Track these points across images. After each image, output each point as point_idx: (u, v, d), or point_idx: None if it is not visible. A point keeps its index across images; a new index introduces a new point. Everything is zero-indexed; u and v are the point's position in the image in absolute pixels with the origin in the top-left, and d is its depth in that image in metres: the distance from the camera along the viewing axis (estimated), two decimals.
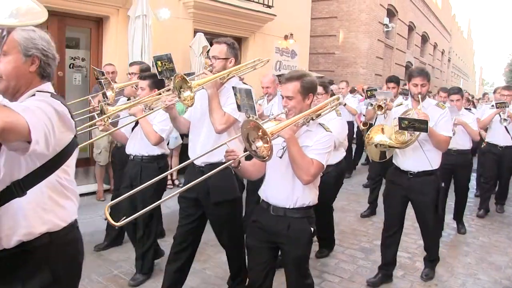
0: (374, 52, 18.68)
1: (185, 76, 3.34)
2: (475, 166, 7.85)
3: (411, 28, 24.48)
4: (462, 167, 6.49)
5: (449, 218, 7.18)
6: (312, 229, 3.18)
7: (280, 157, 3.12)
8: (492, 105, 7.49)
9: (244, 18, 10.78)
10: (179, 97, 3.41)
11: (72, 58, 8.29)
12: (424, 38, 28.21)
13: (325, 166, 3.08)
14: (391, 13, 20.72)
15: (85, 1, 7.72)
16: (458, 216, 6.83)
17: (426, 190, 4.48)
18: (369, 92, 8.78)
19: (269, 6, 11.35)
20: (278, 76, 7.50)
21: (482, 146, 8.00)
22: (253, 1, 11.03)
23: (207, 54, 3.90)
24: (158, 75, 4.16)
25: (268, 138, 2.54)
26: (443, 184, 4.50)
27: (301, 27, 13.28)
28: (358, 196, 8.59)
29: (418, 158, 4.43)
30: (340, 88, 9.98)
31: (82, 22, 8.40)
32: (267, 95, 6.26)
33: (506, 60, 71.52)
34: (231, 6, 10.21)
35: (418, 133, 4.17)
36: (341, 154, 5.10)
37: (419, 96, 4.37)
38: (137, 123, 4.53)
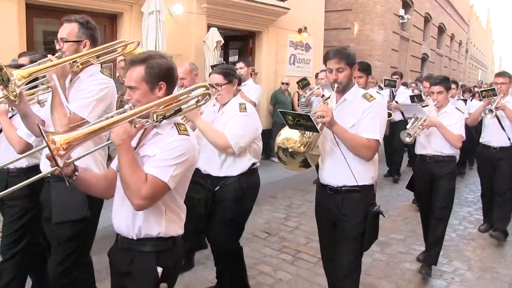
0: (389, 45, 18.48)
1: (2, 66, 2.58)
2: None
3: (427, 19, 24.18)
4: (441, 178, 4.84)
5: (465, 211, 7.14)
6: (160, 269, 2.28)
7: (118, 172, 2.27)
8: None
9: (258, 12, 10.74)
10: (7, 91, 2.67)
11: None
12: (441, 29, 27.85)
13: (171, 185, 2.20)
14: (407, 5, 20.48)
15: None
16: (427, 256, 4.95)
17: (348, 213, 3.25)
18: (300, 83, 8.17)
19: (282, 0, 11.28)
20: (213, 66, 6.31)
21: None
22: None
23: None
24: None
25: (59, 149, 1.94)
26: (378, 207, 3.25)
27: (315, 21, 13.19)
28: None
29: (337, 169, 3.26)
30: (319, 78, 8.41)
31: (96, 19, 8.20)
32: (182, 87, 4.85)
33: None
34: (245, 0, 10.18)
35: (315, 133, 3.14)
36: (246, 163, 3.78)
37: (335, 86, 3.24)
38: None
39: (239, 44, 12.20)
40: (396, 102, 8.64)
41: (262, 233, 5.90)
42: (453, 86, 8.06)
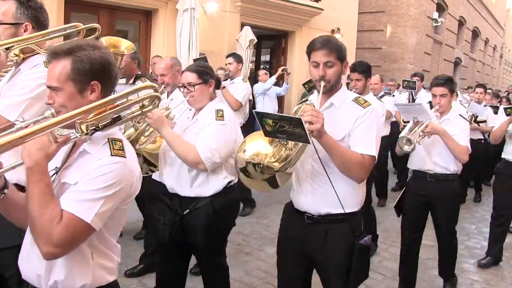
0: (422, 48, 18.25)
1: None
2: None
3: (461, 23, 23.77)
4: (442, 201, 4.06)
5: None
6: None
7: None
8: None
9: (291, 12, 10.74)
10: None
11: None
12: (475, 33, 27.35)
13: (96, 225, 1.64)
14: (441, 8, 20.19)
15: None
16: (444, 271, 4.48)
17: (332, 249, 2.58)
18: (306, 86, 7.41)
19: (316, 0, 11.26)
20: (195, 60, 6.06)
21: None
22: None
23: None
24: None
25: None
26: (367, 239, 2.59)
27: (348, 22, 13.11)
28: None
29: (320, 193, 2.59)
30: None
31: (132, 15, 8.61)
32: (163, 85, 4.35)
33: None
34: (279, 0, 10.19)
35: (300, 144, 2.39)
36: (220, 181, 3.15)
37: (322, 84, 2.49)
38: None
39: (271, 43, 12.21)
40: None
41: None
42: (480, 90, 7.83)
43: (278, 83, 9.62)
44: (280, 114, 2.34)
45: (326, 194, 2.55)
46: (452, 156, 3.93)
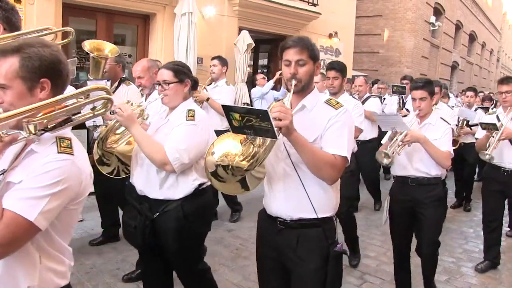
0: (419, 52, 18.32)
1: None
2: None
3: (458, 27, 23.88)
4: (425, 206, 3.92)
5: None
6: None
7: None
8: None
9: (289, 16, 10.76)
10: None
11: None
12: (472, 37, 27.47)
13: (41, 224, 1.57)
14: (438, 12, 20.28)
15: None
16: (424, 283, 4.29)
17: (305, 255, 2.48)
18: None
19: (314, 4, 11.29)
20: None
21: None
22: None
23: None
24: None
25: None
26: (340, 246, 2.52)
27: (345, 26, 13.15)
28: None
29: (292, 197, 2.49)
30: (357, 85, 7.26)
31: (130, 19, 8.62)
32: (140, 87, 4.37)
33: None
34: (276, 4, 10.21)
35: (268, 140, 2.19)
36: (190, 184, 3.04)
37: (293, 82, 2.40)
38: None
39: (269, 47, 12.23)
40: (407, 110, 8.08)
41: None
42: (470, 93, 7.80)
43: (276, 87, 9.65)
44: (247, 107, 2.17)
45: (298, 198, 2.46)
46: (433, 161, 3.84)
